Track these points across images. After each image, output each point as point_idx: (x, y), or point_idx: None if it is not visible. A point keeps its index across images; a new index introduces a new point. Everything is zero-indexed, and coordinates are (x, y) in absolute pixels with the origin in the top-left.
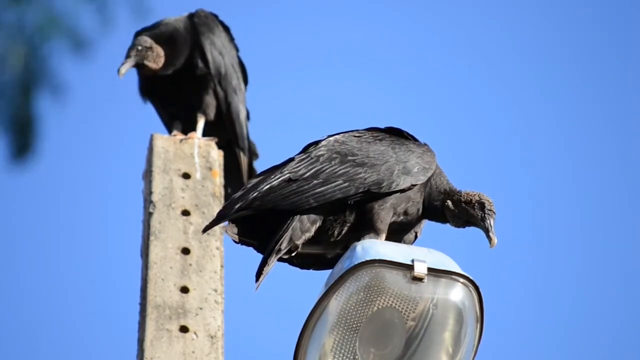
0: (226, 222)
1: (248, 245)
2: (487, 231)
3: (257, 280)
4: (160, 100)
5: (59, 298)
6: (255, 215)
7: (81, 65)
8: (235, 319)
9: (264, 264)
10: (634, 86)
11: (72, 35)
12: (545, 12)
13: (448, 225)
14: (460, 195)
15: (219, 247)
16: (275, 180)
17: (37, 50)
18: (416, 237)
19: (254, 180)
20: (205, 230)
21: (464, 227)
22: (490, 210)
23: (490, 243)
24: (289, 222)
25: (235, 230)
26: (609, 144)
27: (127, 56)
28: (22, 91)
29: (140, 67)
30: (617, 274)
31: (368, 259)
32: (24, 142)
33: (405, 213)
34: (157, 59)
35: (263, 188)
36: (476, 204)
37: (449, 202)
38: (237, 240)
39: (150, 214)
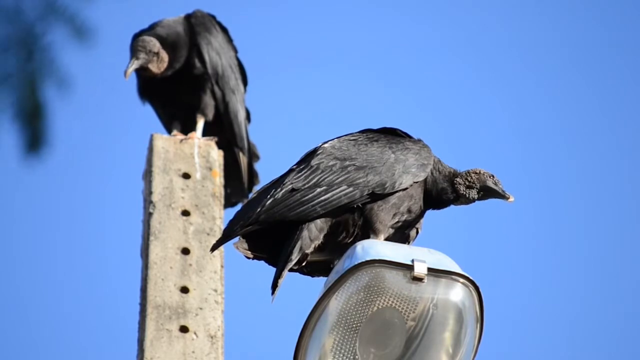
0: (236, 239)
1: (259, 259)
2: (502, 196)
3: (272, 292)
4: (160, 101)
5: (59, 298)
6: (261, 229)
7: (83, 59)
8: (235, 319)
9: (278, 275)
10: (634, 83)
11: (72, 23)
12: (545, 11)
13: (448, 224)
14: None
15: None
16: (279, 192)
17: (38, 39)
18: (417, 232)
19: (254, 196)
20: (212, 249)
21: (478, 199)
22: (493, 176)
23: (508, 200)
24: (297, 232)
25: (246, 246)
26: (609, 142)
27: (135, 57)
28: (27, 80)
29: (142, 69)
30: (619, 273)
31: (368, 259)
32: (34, 133)
33: (409, 211)
34: (160, 64)
35: (267, 202)
36: (477, 182)
37: (458, 179)
38: (250, 257)
39: (150, 214)
